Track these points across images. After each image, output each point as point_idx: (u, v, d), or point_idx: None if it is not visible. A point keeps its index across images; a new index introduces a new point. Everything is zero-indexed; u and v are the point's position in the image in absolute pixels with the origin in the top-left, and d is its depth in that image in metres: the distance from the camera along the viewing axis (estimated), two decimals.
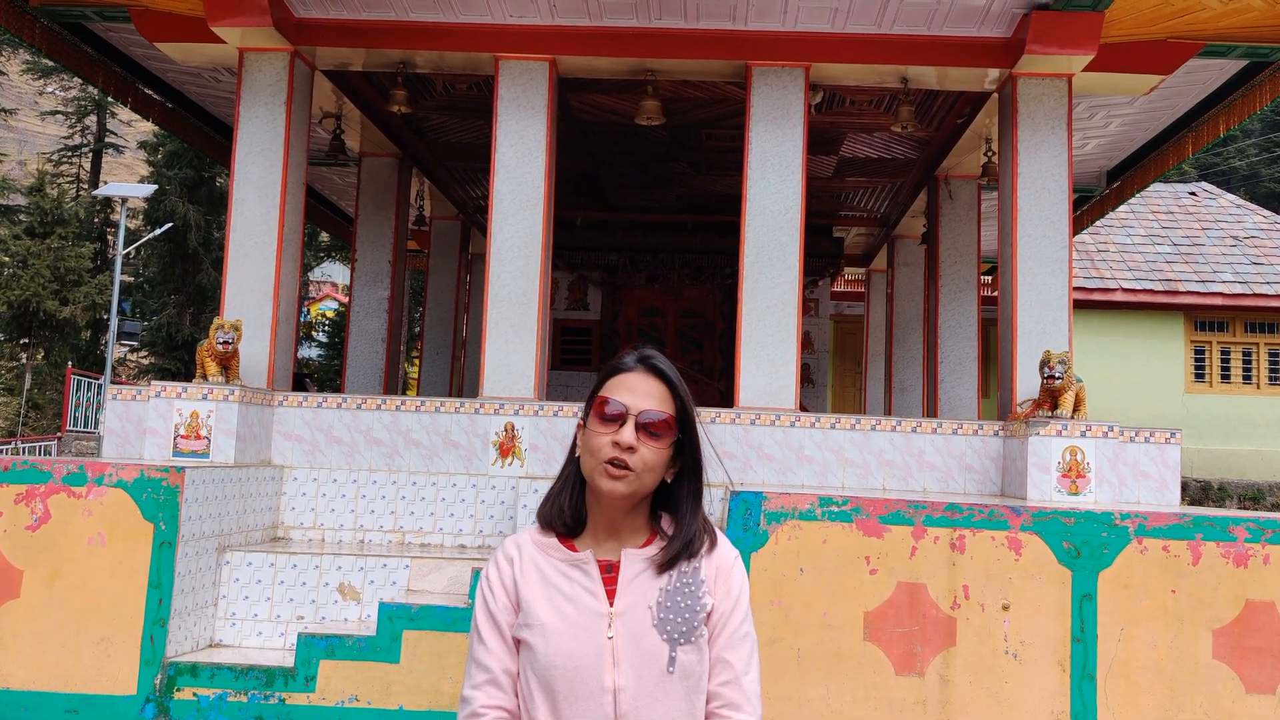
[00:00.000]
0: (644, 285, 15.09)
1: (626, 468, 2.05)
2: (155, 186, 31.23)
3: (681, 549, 2.11)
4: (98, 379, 22.74)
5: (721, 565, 2.14)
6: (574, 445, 2.20)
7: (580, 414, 2.18)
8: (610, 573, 2.11)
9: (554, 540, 2.15)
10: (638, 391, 2.09)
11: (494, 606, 2.12)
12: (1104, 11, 7.56)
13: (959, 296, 11.27)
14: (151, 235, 30.66)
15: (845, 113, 10.19)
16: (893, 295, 13.78)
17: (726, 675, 2.09)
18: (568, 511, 2.16)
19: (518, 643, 2.09)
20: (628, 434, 2.05)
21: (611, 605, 2.07)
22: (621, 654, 2.04)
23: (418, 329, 18.63)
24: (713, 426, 7.78)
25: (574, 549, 2.14)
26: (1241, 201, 20.48)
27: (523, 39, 8.29)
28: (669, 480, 2.15)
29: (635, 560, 2.11)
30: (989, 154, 10.07)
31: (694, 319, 15.17)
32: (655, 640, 2.04)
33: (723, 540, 2.20)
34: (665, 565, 2.10)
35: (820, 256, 14.50)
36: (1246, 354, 17.47)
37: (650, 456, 2.07)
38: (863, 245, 16.40)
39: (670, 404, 2.11)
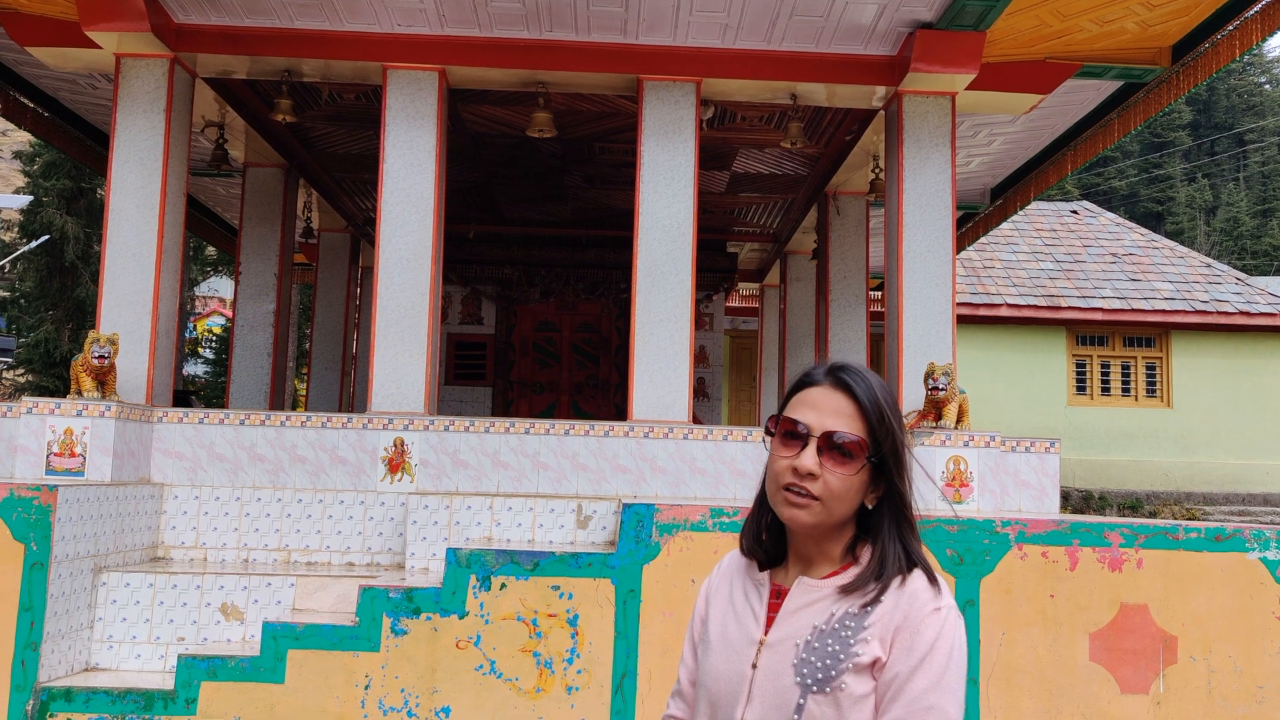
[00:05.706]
0: (539, 299, 15.04)
1: (809, 495, 1.83)
2: (31, 197, 30.02)
3: (863, 584, 1.84)
4: None
5: (911, 616, 1.79)
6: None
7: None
8: (779, 599, 1.92)
9: (753, 561, 2.02)
10: (823, 409, 1.86)
11: (694, 616, 2.09)
12: (985, 31, 7.78)
13: (848, 311, 11.46)
14: (27, 248, 29.49)
15: (737, 128, 10.29)
16: (785, 310, 13.95)
17: None
18: (766, 538, 1.98)
19: None
20: (807, 459, 1.83)
21: (766, 634, 1.88)
22: (757, 688, 1.84)
23: (306, 344, 18.26)
24: (607, 440, 7.77)
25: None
26: (1121, 220, 21.27)
27: (411, 49, 8.20)
28: (869, 506, 1.90)
29: (807, 590, 1.88)
30: (876, 171, 10.26)
31: (589, 333, 15.16)
32: (789, 681, 1.80)
33: (924, 588, 1.84)
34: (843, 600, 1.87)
35: (714, 271, 14.67)
36: (1125, 367, 18.09)
37: (836, 484, 1.83)
38: (756, 261, 16.59)
39: (861, 423, 1.85)
